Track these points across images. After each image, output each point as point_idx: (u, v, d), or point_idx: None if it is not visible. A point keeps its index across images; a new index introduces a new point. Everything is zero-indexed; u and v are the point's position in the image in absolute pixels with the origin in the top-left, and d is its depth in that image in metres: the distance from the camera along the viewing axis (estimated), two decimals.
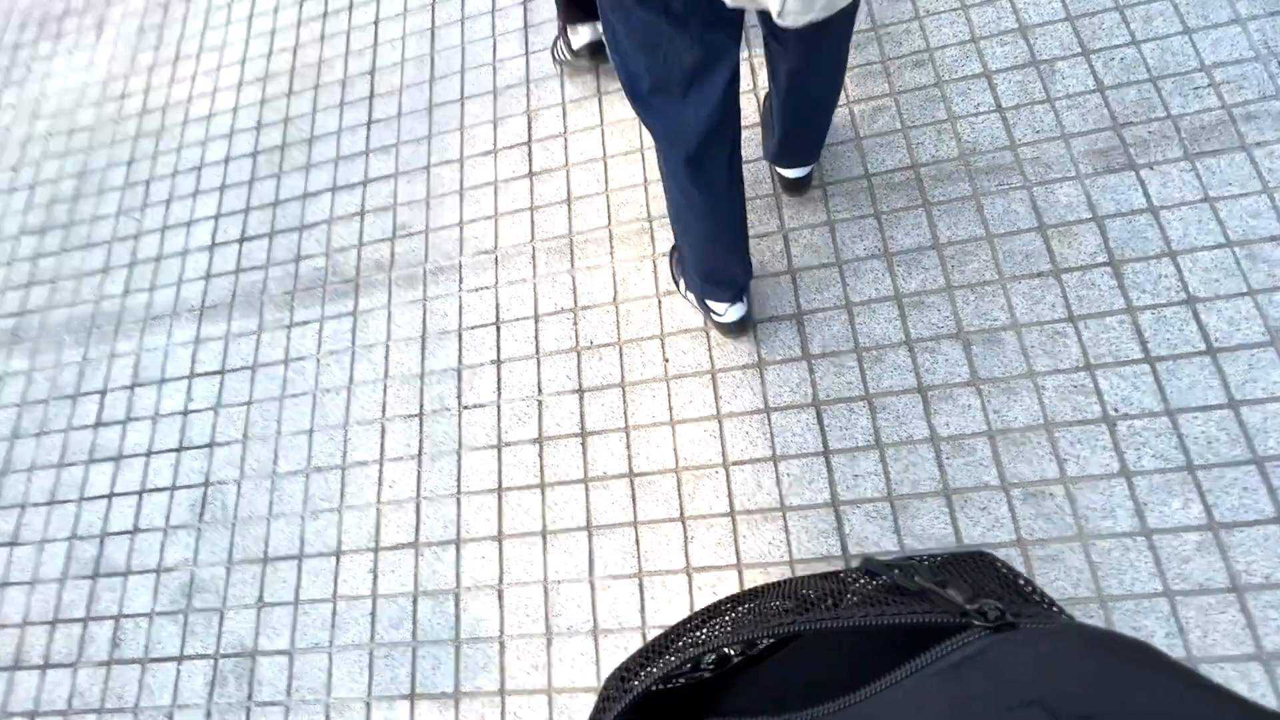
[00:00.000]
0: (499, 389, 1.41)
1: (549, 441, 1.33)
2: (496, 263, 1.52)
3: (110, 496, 1.57)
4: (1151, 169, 1.23)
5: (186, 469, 1.54)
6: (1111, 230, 1.21)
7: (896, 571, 0.36)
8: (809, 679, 0.39)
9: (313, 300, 1.62)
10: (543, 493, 1.30)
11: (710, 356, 1.31)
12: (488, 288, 1.50)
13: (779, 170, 1.32)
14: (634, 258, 1.43)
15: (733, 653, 0.41)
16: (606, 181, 1.52)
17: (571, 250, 1.48)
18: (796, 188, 1.34)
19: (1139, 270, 1.17)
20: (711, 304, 1.21)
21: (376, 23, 1.90)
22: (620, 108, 1.57)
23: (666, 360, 1.33)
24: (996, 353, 1.18)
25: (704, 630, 0.39)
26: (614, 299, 1.41)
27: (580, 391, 1.35)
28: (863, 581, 0.38)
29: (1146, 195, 1.22)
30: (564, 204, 1.53)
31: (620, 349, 1.37)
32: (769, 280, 1.33)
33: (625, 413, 1.31)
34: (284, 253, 1.70)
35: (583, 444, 1.31)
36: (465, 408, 1.41)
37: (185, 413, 1.60)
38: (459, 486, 1.35)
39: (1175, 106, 1.26)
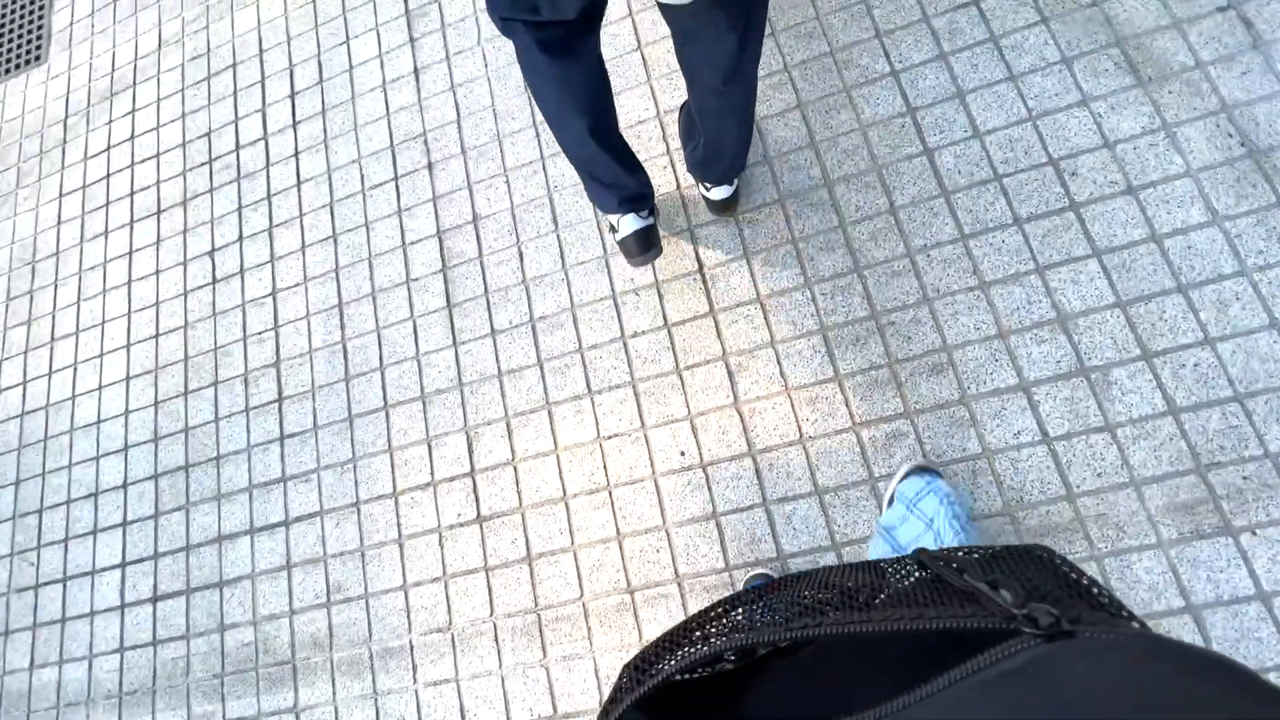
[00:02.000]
0: None
1: None
2: (453, 645, 1.26)
3: None
4: (1254, 534, 0.97)
5: None
6: (1213, 626, 0.95)
7: (943, 564, 0.34)
8: (840, 680, 0.37)
9: (245, 688, 1.36)
10: None
11: None
12: (447, 681, 1.25)
13: (702, 190, 1.27)
14: (616, 645, 1.18)
15: (759, 646, 0.37)
16: (572, 532, 1.25)
17: (541, 631, 1.22)
18: (722, 209, 1.29)
19: None
20: (611, 220, 1.21)
21: (274, 294, 1.60)
22: (576, 427, 1.29)
23: None
24: None
25: (728, 619, 0.37)
26: (600, 704, 1.16)
27: None
28: (904, 574, 0.36)
29: (1253, 575, 0.96)
30: (523, 562, 1.26)
31: None
32: None
33: None
34: (205, 618, 1.43)
35: None
36: None
37: None
38: None
39: (1275, 439, 0.99)
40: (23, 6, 2.19)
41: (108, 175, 1.87)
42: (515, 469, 1.31)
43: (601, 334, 1.33)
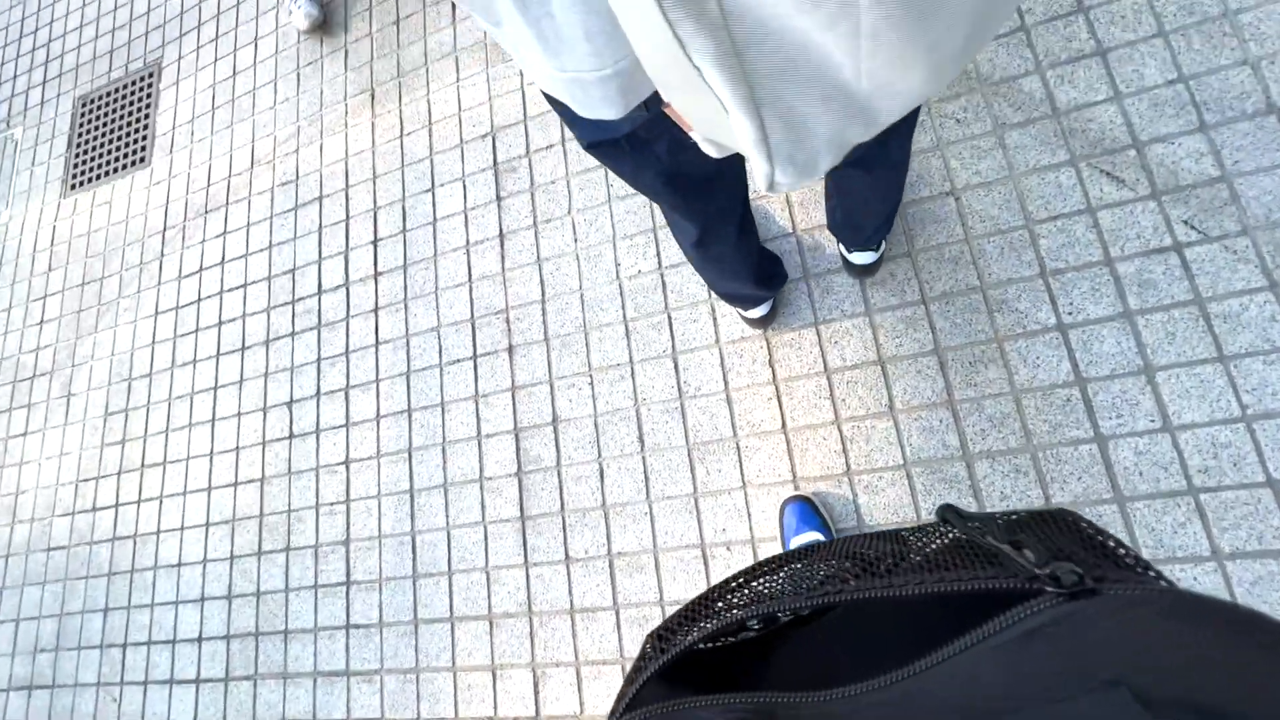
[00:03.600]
0: None
1: None
2: None
3: None
4: None
5: None
6: None
7: (972, 524, 0.34)
8: (862, 644, 0.37)
9: None
10: None
11: None
12: None
13: (842, 250, 1.19)
14: None
15: (781, 614, 0.37)
16: None
17: None
18: (864, 272, 1.19)
19: None
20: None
21: (348, 463, 1.55)
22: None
23: None
24: None
25: (749, 589, 0.37)
26: None
27: None
28: (928, 539, 0.36)
29: None
30: None
31: None
32: None
33: None
34: None
35: None
36: None
37: None
38: None
39: None
40: (132, 104, 2.23)
41: (198, 299, 1.89)
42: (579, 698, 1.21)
43: (685, 587, 1.20)
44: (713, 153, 0.57)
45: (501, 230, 1.53)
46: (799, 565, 0.38)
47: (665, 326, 1.32)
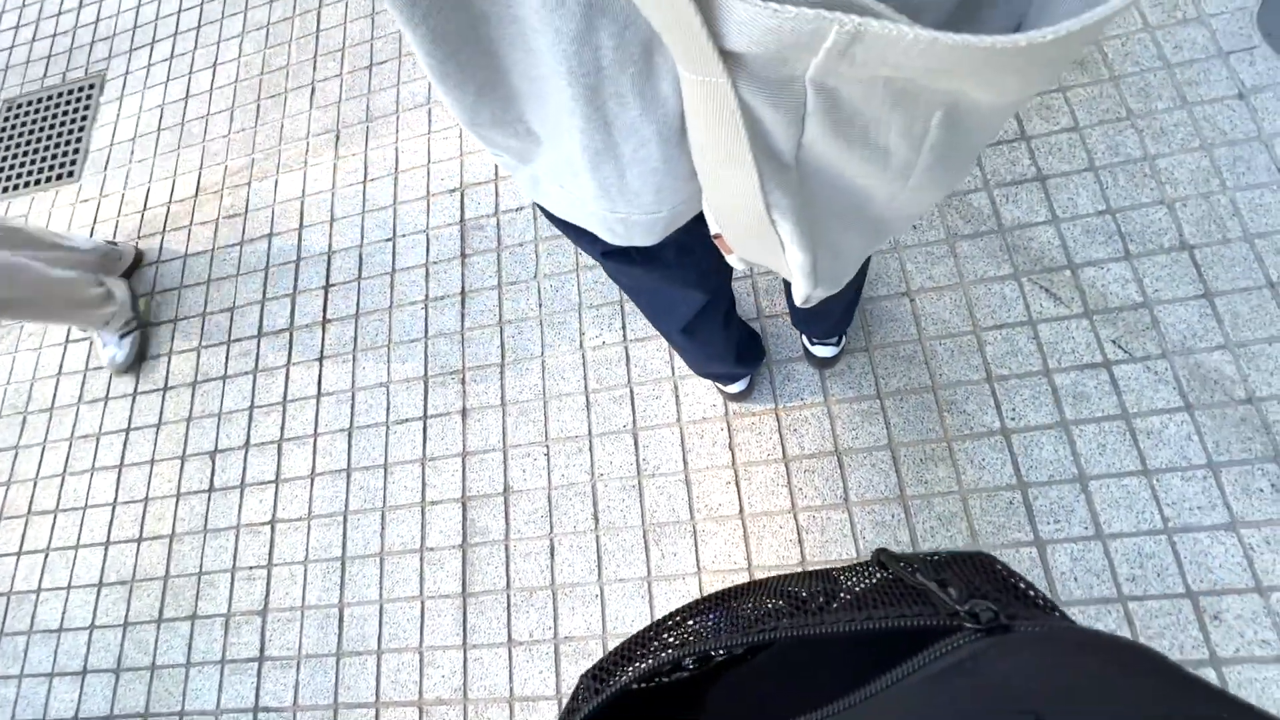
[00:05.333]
0: None
1: None
2: None
3: None
4: None
5: None
6: None
7: (900, 564, 0.35)
8: (795, 681, 0.38)
9: None
10: None
11: None
12: None
13: (805, 342, 1.20)
14: None
15: (715, 653, 0.37)
16: None
17: None
18: (824, 364, 1.22)
19: None
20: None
21: (273, 523, 1.43)
22: None
23: None
24: None
25: (684, 629, 0.38)
26: None
27: None
28: (859, 578, 0.37)
29: None
30: None
31: None
32: None
33: None
34: None
35: None
36: None
37: None
38: None
39: None
40: (66, 114, 2.09)
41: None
42: None
43: None
44: (740, 268, 0.59)
45: (464, 288, 1.50)
46: (733, 603, 0.39)
47: (627, 401, 1.31)
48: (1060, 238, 1.20)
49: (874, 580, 0.37)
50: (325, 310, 1.58)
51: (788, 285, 1.07)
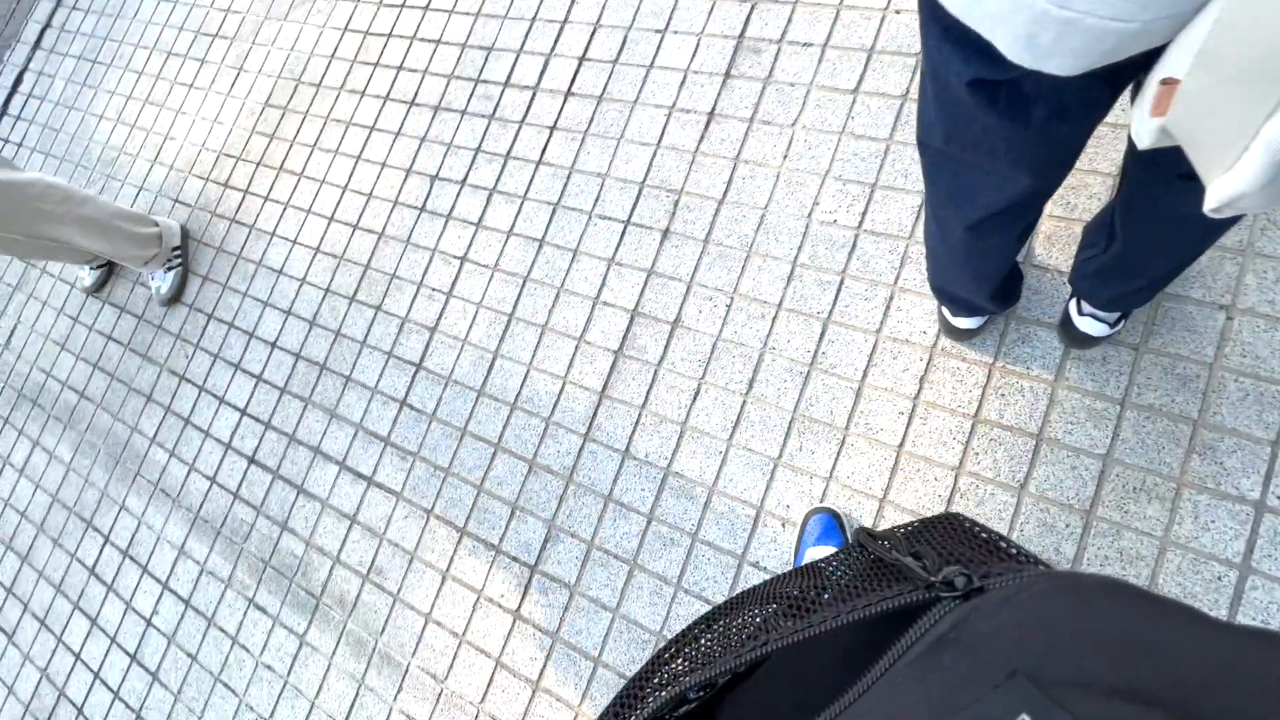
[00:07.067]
0: None
1: None
2: (438, 699, 1.30)
3: None
4: None
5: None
6: None
7: (877, 543, 0.36)
8: (801, 686, 0.39)
9: (278, 589, 1.51)
10: None
11: None
12: None
13: (1072, 309, 1.00)
14: None
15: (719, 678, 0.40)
16: None
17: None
18: (1079, 342, 1.03)
19: None
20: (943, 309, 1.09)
21: (463, 259, 1.54)
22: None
23: None
24: None
25: (685, 655, 0.38)
26: None
27: None
28: (841, 568, 0.38)
29: None
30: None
31: None
32: None
33: None
34: (277, 506, 1.56)
35: None
36: None
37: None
38: None
39: None
40: None
41: (389, 34, 1.83)
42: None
43: (725, 536, 1.18)
44: (1147, 142, 0.47)
45: (714, 109, 1.40)
46: (725, 623, 0.39)
47: (833, 289, 1.22)
48: None
49: (856, 565, 0.37)
50: (573, 81, 1.56)
51: (1093, 232, 0.88)
